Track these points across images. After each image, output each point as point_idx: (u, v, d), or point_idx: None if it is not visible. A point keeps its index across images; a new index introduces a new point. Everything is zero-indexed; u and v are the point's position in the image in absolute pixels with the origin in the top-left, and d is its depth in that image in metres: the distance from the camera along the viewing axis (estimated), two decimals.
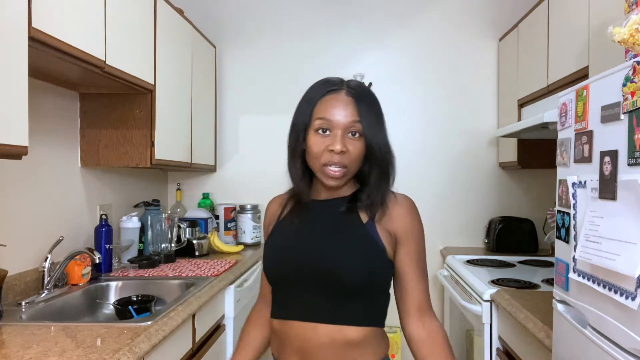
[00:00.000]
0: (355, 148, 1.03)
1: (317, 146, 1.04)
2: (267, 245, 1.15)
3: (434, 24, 2.99)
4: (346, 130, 1.03)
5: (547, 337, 1.35)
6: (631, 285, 0.86)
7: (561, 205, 1.21)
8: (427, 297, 1.10)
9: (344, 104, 1.04)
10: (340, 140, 1.02)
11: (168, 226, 2.36)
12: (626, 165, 0.90)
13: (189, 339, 1.67)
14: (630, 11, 1.08)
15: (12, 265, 1.62)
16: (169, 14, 2.20)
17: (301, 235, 1.09)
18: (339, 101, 1.05)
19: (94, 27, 1.56)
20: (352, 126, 1.03)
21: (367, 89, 1.11)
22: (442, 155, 2.96)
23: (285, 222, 1.14)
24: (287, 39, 3.05)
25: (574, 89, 1.15)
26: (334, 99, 1.05)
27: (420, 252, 1.09)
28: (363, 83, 1.13)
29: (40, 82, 1.81)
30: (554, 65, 2.07)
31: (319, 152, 1.04)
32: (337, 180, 1.05)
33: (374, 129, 1.05)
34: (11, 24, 1.16)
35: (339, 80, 1.10)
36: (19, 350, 1.15)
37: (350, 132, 1.03)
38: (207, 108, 2.82)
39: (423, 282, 1.09)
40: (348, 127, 1.03)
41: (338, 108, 1.04)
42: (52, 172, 1.88)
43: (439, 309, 2.92)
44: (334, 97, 1.06)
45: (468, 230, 2.97)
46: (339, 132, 1.03)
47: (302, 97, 1.14)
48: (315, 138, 1.05)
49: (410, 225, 1.08)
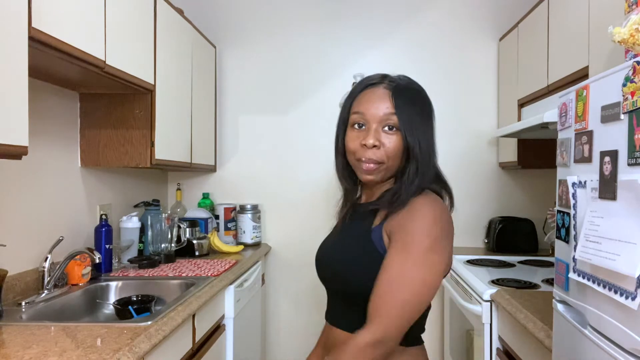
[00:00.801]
0: (391, 142, 0.99)
1: (352, 141, 1.02)
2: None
3: (434, 24, 2.99)
4: (381, 123, 0.99)
5: (547, 337, 1.35)
6: (631, 285, 0.86)
7: (561, 205, 1.21)
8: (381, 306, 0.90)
9: (380, 97, 1.01)
10: (374, 134, 0.99)
11: (168, 226, 2.36)
12: (626, 165, 0.90)
13: (189, 339, 1.67)
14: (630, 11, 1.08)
15: (12, 265, 1.62)
16: (169, 14, 2.20)
17: (333, 239, 1.12)
18: (375, 94, 1.01)
19: (94, 27, 1.56)
20: (387, 119, 0.99)
21: (412, 83, 1.06)
22: (442, 155, 2.89)
23: (337, 224, 1.16)
24: (287, 38, 3.05)
25: (574, 89, 1.15)
26: (371, 92, 1.03)
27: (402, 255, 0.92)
28: (410, 79, 1.08)
29: (40, 82, 1.81)
30: (554, 65, 2.07)
31: (354, 147, 1.01)
32: (371, 174, 1.01)
33: (412, 123, 0.99)
34: (11, 24, 1.16)
35: (381, 75, 1.07)
36: (19, 350, 1.15)
37: (387, 126, 0.99)
38: (207, 108, 2.82)
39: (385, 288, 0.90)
40: (383, 120, 0.99)
41: (373, 101, 1.00)
42: (52, 172, 1.88)
43: (439, 309, 2.92)
44: (371, 90, 1.03)
45: (468, 230, 2.97)
46: (374, 126, 0.99)
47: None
48: (352, 133, 1.03)
49: (403, 224, 0.95)
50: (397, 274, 0.91)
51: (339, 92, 2.95)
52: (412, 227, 0.94)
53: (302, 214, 3.01)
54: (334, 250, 1.07)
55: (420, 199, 0.99)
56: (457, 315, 2.36)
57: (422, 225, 0.94)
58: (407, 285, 0.90)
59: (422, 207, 0.97)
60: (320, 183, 2.97)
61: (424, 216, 0.95)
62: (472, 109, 2.97)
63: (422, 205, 0.97)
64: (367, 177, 1.02)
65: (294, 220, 3.02)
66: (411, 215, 0.96)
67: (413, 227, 0.94)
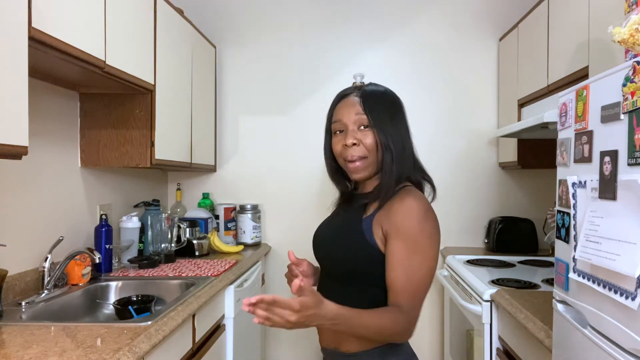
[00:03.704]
0: (367, 137, 1.15)
1: (336, 145, 1.20)
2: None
3: (434, 24, 2.99)
4: (355, 124, 1.16)
5: (547, 337, 1.35)
6: (631, 285, 0.86)
7: (561, 205, 1.21)
8: (405, 297, 1.06)
9: (351, 104, 1.18)
10: (351, 134, 1.16)
11: (168, 226, 2.36)
12: (626, 165, 0.90)
13: (189, 339, 1.67)
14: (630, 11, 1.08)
15: (12, 265, 1.62)
16: (169, 14, 2.20)
17: (328, 223, 1.29)
18: (347, 103, 1.19)
19: (94, 27, 1.56)
20: (360, 120, 1.15)
21: (378, 87, 1.23)
22: (442, 155, 2.95)
23: (335, 211, 1.33)
24: (287, 39, 3.05)
25: (574, 89, 1.15)
26: (344, 102, 1.20)
27: (407, 252, 1.07)
28: (377, 84, 1.25)
29: (40, 82, 1.81)
30: (554, 65, 2.07)
31: (339, 150, 1.18)
32: (360, 172, 1.17)
33: (381, 119, 1.15)
34: (11, 24, 1.16)
35: (354, 87, 1.24)
36: (19, 350, 1.15)
37: (361, 126, 1.16)
38: (207, 108, 2.82)
39: (401, 281, 1.06)
40: (356, 122, 1.16)
41: (346, 109, 1.18)
42: (52, 172, 1.88)
43: (439, 309, 2.93)
44: (344, 101, 1.21)
45: (468, 230, 2.97)
46: (350, 128, 1.16)
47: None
48: (335, 139, 1.21)
49: (400, 224, 1.08)
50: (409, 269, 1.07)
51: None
52: (408, 229, 1.08)
53: (302, 214, 3.01)
54: (329, 234, 1.24)
55: (409, 195, 1.12)
56: (457, 315, 2.36)
57: (415, 226, 1.09)
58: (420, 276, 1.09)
59: (412, 206, 1.10)
60: (320, 183, 2.97)
61: (416, 217, 1.10)
62: (472, 109, 2.97)
63: (412, 202, 1.11)
64: (356, 176, 1.19)
65: (294, 220, 3.02)
66: (404, 214, 1.09)
67: (410, 230, 1.08)
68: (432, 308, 2.95)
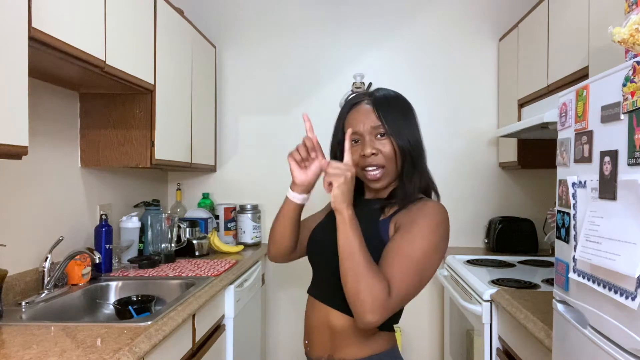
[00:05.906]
0: (385, 146, 1.15)
1: (353, 155, 1.16)
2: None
3: (434, 24, 2.99)
4: (372, 134, 1.15)
5: (547, 337, 1.35)
6: (631, 285, 0.86)
7: (561, 205, 1.21)
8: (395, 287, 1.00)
9: (365, 113, 1.17)
10: (369, 144, 1.15)
11: (168, 226, 2.36)
12: (626, 165, 0.90)
13: (189, 339, 1.67)
14: (630, 11, 1.08)
15: (12, 265, 1.62)
16: (169, 14, 2.20)
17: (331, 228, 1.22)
18: (360, 112, 1.18)
19: (94, 27, 1.56)
20: (376, 129, 1.15)
21: (389, 92, 1.22)
22: (442, 155, 2.95)
23: (328, 215, 1.32)
24: (287, 38, 3.05)
25: (574, 89, 1.15)
26: (356, 111, 1.19)
27: (411, 243, 1.04)
28: (387, 89, 1.24)
29: (40, 82, 1.81)
30: (554, 65, 2.07)
31: (356, 160, 1.16)
32: (378, 182, 1.17)
33: (398, 126, 1.15)
34: (11, 24, 1.16)
35: (363, 93, 1.24)
36: (19, 350, 1.15)
37: (378, 134, 1.15)
38: (207, 108, 2.82)
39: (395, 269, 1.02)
40: (373, 131, 1.15)
41: (360, 118, 1.17)
42: (52, 172, 1.88)
43: (439, 309, 2.92)
44: (356, 109, 1.19)
45: (468, 230, 2.97)
46: (367, 138, 1.15)
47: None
48: (351, 149, 1.17)
49: (415, 218, 1.08)
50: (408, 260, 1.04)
51: (339, 92, 2.95)
52: (420, 224, 1.07)
53: (302, 214, 3.00)
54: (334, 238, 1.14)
55: (431, 202, 1.13)
56: (457, 315, 2.36)
57: (428, 223, 1.08)
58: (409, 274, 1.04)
59: (429, 207, 1.11)
60: (320, 183, 2.97)
61: (431, 216, 1.10)
62: (472, 109, 2.97)
63: (432, 205, 1.12)
64: (375, 185, 1.18)
65: None
66: (420, 212, 1.10)
67: (422, 225, 1.07)
68: (432, 308, 2.95)
